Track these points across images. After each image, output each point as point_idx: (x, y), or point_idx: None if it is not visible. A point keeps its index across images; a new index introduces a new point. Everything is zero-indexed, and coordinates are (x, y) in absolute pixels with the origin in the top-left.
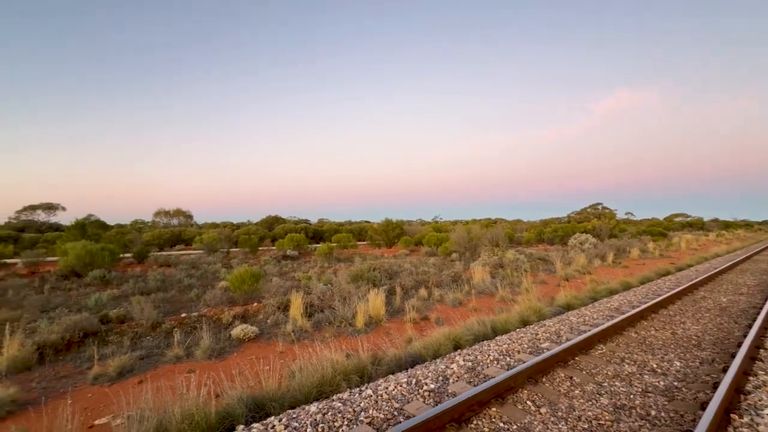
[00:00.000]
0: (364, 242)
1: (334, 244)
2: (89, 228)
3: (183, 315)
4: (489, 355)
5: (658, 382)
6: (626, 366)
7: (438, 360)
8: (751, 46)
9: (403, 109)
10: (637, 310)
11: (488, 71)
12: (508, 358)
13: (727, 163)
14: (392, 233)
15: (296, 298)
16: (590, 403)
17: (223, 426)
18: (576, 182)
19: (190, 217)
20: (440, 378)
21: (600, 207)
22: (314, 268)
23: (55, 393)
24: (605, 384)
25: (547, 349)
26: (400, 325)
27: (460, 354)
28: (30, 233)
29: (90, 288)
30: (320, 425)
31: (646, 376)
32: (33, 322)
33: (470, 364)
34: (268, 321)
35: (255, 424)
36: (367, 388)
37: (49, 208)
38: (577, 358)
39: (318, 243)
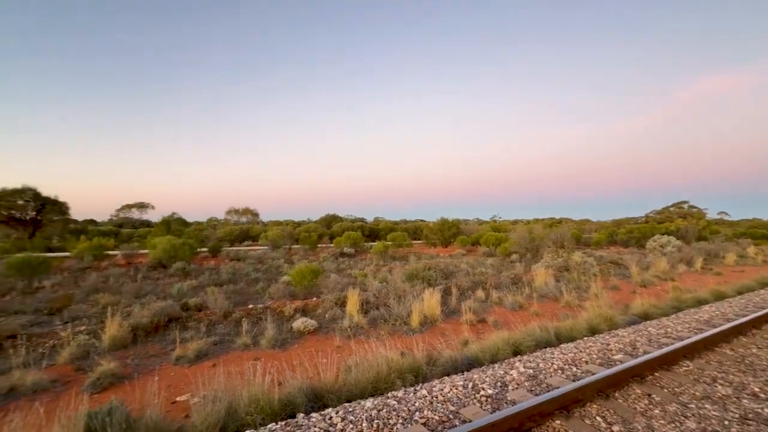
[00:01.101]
0: (419, 241)
1: (390, 243)
2: (173, 225)
3: (250, 306)
4: (552, 364)
5: (762, 409)
6: (719, 387)
7: (496, 365)
8: None
9: (456, 106)
10: (734, 323)
11: (554, 59)
12: (574, 368)
13: None
14: (448, 232)
15: (353, 295)
16: (673, 425)
17: (285, 413)
18: (656, 178)
19: (257, 215)
20: (498, 384)
21: (686, 206)
22: (370, 265)
23: (145, 370)
24: (692, 405)
25: (621, 362)
26: (455, 327)
27: (520, 360)
28: (126, 229)
29: (173, 278)
30: (375, 421)
31: (745, 401)
32: (129, 306)
33: (531, 371)
34: (326, 316)
35: (314, 414)
36: (421, 388)
37: (141, 206)
38: (656, 374)
39: (374, 241)
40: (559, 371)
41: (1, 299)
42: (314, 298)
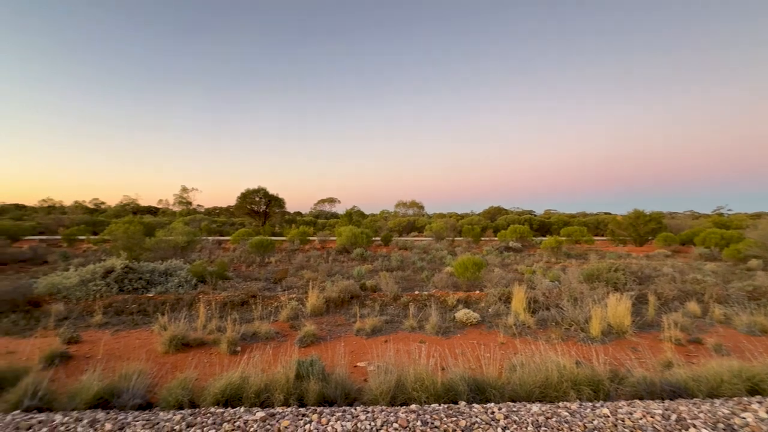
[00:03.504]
0: (602, 237)
1: (564, 238)
2: (354, 216)
3: (416, 292)
4: None
5: None
6: None
7: (716, 401)
8: None
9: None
10: None
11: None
12: None
13: None
14: (644, 227)
15: (518, 292)
16: None
17: (447, 397)
18: None
19: (422, 207)
20: (720, 425)
21: None
22: (539, 262)
23: (334, 335)
24: None
25: None
26: (652, 343)
27: (760, 402)
28: (321, 219)
29: (354, 262)
30: (542, 428)
31: None
32: (323, 282)
33: None
34: (489, 310)
35: (475, 405)
36: (603, 405)
37: (331, 201)
38: None
39: (543, 236)
40: None
41: (248, 269)
42: (477, 291)
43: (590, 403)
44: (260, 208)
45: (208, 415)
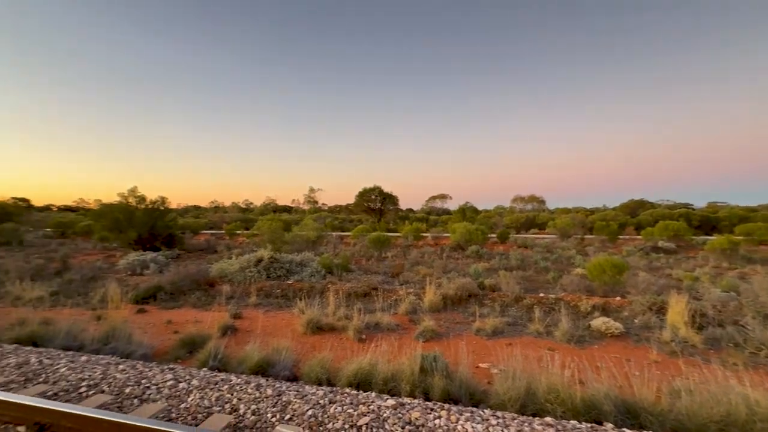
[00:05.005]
0: None
1: (740, 238)
2: (467, 212)
3: (541, 294)
4: None
5: None
6: None
7: None
8: None
9: None
10: None
11: None
12: None
13: None
14: None
15: (676, 302)
16: None
17: (588, 415)
18: None
19: (543, 202)
20: None
21: None
22: (703, 266)
23: (453, 333)
24: None
25: None
26: None
27: None
28: (433, 216)
29: (468, 259)
30: None
31: None
32: (439, 279)
33: None
34: (635, 321)
35: (626, 430)
36: None
37: (442, 197)
38: None
39: (708, 234)
40: None
41: (366, 263)
42: (617, 298)
43: None
44: (376, 205)
45: (345, 394)
